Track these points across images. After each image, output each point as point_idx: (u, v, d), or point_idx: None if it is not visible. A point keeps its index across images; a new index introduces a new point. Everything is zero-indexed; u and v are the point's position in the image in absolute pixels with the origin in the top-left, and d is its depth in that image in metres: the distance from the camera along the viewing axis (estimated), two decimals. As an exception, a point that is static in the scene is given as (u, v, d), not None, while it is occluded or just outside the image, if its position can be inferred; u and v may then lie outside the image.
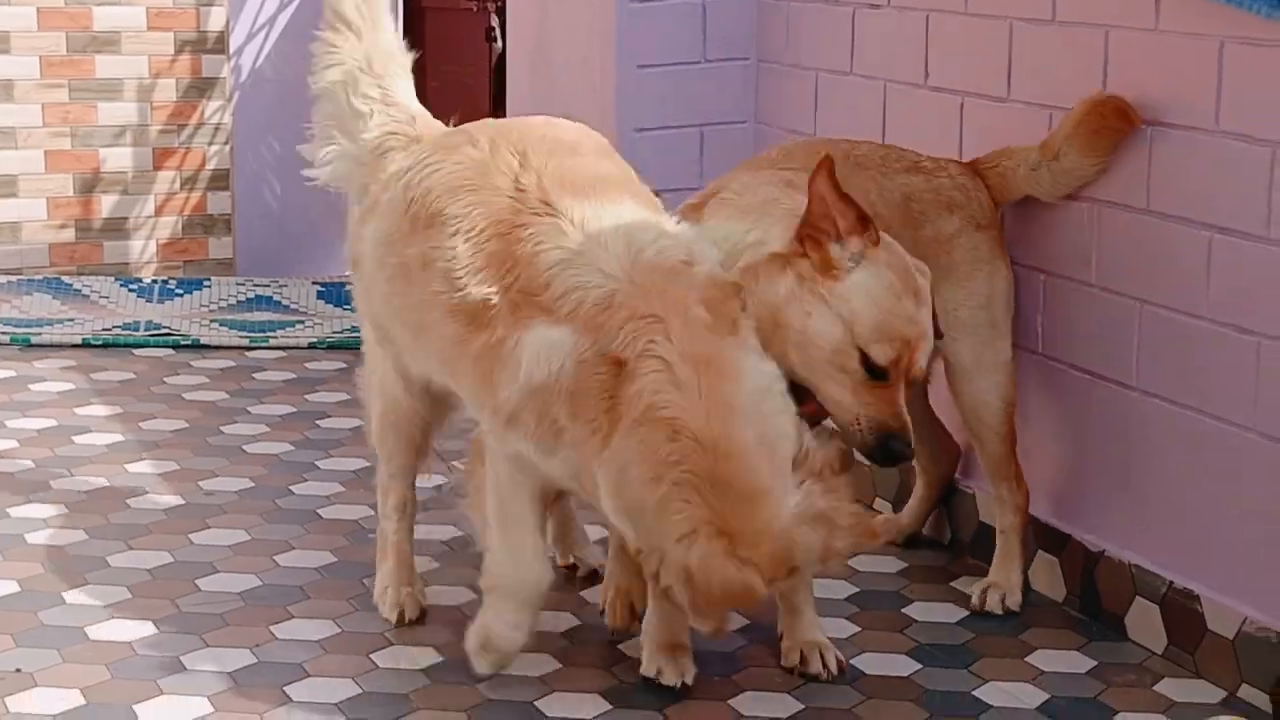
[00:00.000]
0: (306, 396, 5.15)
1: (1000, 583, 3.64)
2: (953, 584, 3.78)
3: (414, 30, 6.58)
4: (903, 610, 3.65)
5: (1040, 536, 3.72)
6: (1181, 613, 3.35)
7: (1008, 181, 3.62)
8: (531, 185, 3.12)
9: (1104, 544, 3.56)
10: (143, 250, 6.56)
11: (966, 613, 3.63)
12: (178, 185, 6.54)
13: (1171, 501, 3.40)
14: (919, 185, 3.56)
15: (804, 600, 3.37)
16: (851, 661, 3.37)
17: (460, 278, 3.10)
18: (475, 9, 6.03)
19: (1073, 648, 3.47)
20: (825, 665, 3.31)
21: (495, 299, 3.05)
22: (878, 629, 3.55)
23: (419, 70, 6.54)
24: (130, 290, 6.30)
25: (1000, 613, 3.59)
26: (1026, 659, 3.42)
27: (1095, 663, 3.39)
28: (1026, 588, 3.71)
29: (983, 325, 3.58)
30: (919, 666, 3.38)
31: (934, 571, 3.85)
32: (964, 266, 3.54)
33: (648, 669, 3.25)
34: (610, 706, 3.20)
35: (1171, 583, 3.38)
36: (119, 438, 4.78)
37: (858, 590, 3.74)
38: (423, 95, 6.57)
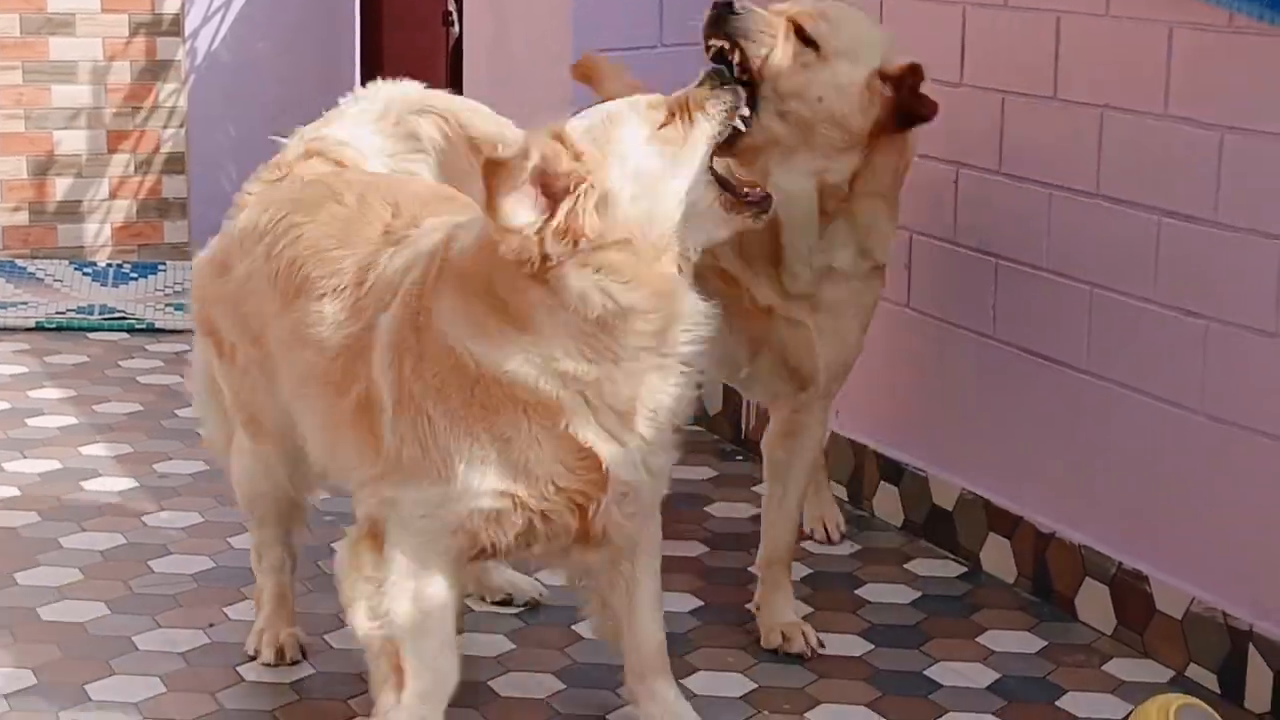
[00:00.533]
0: (261, 380, 5.13)
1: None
2: (905, 566, 3.80)
3: (371, 15, 6.56)
4: (855, 591, 3.67)
5: (992, 518, 3.75)
6: (1130, 593, 3.39)
7: None
8: (400, 227, 2.92)
9: (1054, 525, 3.59)
10: (97, 234, 6.52)
11: (919, 594, 3.65)
12: (132, 168, 6.50)
13: (1121, 483, 3.43)
14: None
15: (784, 579, 3.41)
16: (804, 642, 3.41)
17: (328, 337, 2.87)
18: (432, -7, 6.01)
19: (1023, 628, 3.49)
20: (808, 643, 3.34)
21: (356, 334, 2.84)
22: (830, 610, 3.56)
23: (376, 55, 6.54)
24: (84, 274, 6.27)
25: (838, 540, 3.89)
26: (977, 639, 3.44)
27: (1045, 643, 3.42)
28: (977, 568, 3.74)
29: None
30: (871, 647, 3.40)
31: (887, 553, 3.88)
32: None
33: None
34: (564, 686, 3.21)
35: (1120, 564, 3.42)
36: (72, 420, 4.76)
37: (811, 572, 3.75)
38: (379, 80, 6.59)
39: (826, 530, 3.95)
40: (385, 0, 6.47)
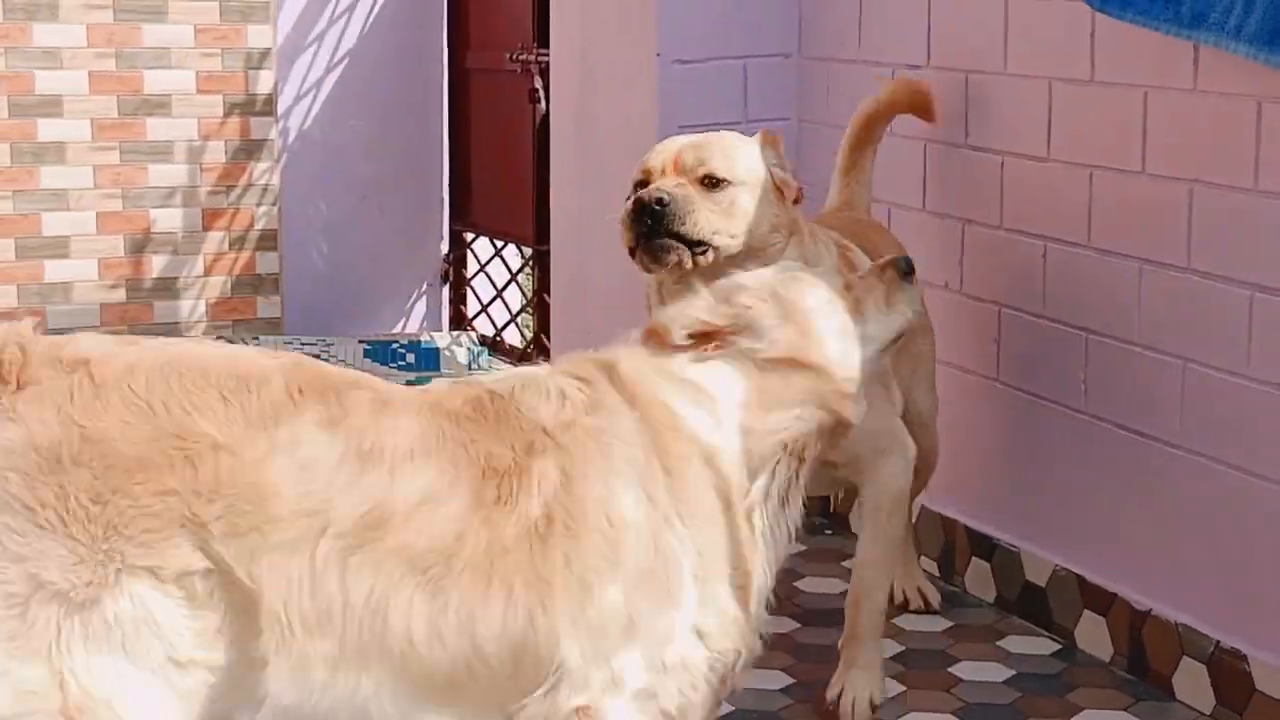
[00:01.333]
0: (353, 455, 5.17)
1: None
2: (998, 643, 3.77)
3: (459, 93, 6.65)
4: (949, 669, 3.64)
5: (1086, 595, 3.71)
6: (1229, 672, 3.34)
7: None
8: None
9: (1150, 603, 3.55)
10: (192, 310, 6.62)
11: (1013, 672, 3.62)
12: (227, 245, 6.61)
13: (1217, 560, 3.39)
14: None
15: (857, 655, 3.39)
16: (897, 721, 3.39)
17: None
18: (519, 71, 6.08)
19: (1120, 708, 3.45)
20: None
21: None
22: (924, 688, 3.54)
23: (464, 132, 6.63)
24: (180, 350, 6.35)
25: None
26: (1073, 719, 3.40)
27: (1143, 723, 3.39)
28: (1072, 645, 3.70)
29: None
30: (965, 726, 3.38)
31: (980, 630, 3.85)
32: None
33: None
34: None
35: (1219, 642, 3.37)
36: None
37: (903, 649, 3.73)
38: (466, 157, 6.67)
39: (924, 597, 3.93)
40: (474, 78, 6.55)
